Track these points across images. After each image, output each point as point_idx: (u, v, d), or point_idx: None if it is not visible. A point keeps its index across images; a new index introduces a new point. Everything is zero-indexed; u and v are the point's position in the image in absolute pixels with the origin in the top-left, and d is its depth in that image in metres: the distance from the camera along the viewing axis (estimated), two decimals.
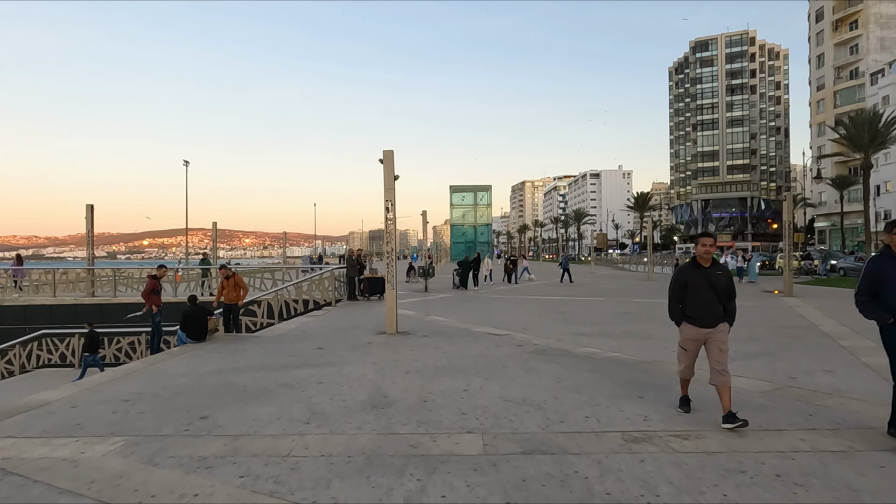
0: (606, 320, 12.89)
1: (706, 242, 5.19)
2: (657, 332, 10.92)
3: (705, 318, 5.12)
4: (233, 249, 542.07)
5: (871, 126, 28.83)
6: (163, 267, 11.47)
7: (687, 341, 5.30)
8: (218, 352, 9.29)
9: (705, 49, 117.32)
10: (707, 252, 5.15)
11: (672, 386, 6.47)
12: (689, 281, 5.17)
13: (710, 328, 5.12)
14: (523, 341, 9.88)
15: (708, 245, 5.15)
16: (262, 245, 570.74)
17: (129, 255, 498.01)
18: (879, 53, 68.26)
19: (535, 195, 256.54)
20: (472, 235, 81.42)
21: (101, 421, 5.39)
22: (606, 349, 9.00)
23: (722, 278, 5.14)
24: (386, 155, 11.06)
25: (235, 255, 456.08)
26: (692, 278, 5.16)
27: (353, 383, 6.79)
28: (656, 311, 14.79)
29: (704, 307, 5.11)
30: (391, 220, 11.08)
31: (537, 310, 15.47)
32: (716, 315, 5.12)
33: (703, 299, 5.10)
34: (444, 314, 14.45)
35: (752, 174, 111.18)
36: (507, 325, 12.16)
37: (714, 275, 5.13)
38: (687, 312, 5.23)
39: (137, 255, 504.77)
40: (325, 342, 10.07)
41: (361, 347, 9.43)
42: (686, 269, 5.26)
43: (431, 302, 18.29)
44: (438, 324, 12.58)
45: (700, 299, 5.12)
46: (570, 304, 17.16)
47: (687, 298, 5.20)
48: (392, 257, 11.10)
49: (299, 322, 13.48)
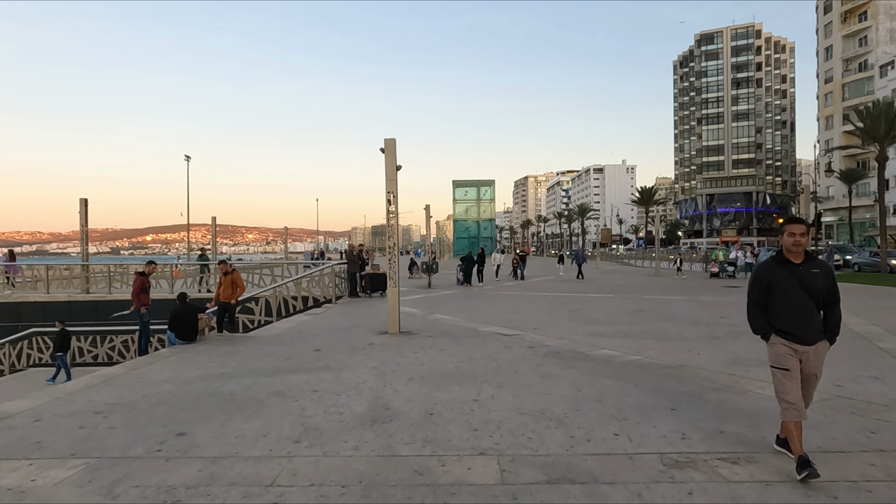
0: (621, 319, 12.22)
1: (796, 230, 3.87)
2: (677, 331, 10.26)
3: (800, 330, 3.88)
4: (235, 245, 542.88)
5: (887, 117, 28.03)
6: (152, 263, 10.84)
7: (783, 357, 3.88)
8: (207, 354, 8.66)
9: (710, 42, 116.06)
10: (797, 244, 3.87)
11: (707, 395, 5.81)
12: (774, 282, 3.91)
13: (806, 345, 3.88)
14: (535, 342, 9.23)
15: (798, 234, 3.86)
16: (265, 241, 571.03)
17: (133, 250, 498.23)
18: (889, 45, 67.13)
19: (538, 190, 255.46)
20: (475, 231, 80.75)
21: (64, 438, 4.76)
22: (625, 351, 8.34)
23: (820, 279, 3.89)
24: (387, 144, 10.40)
25: (238, 250, 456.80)
26: (779, 278, 3.90)
27: (351, 392, 6.15)
28: (672, 308, 14.13)
29: (797, 316, 3.87)
30: (393, 213, 10.43)
31: (547, 308, 14.82)
32: (814, 327, 3.90)
33: (796, 306, 3.86)
34: (449, 312, 13.81)
35: (757, 168, 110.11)
36: (516, 324, 11.51)
37: (808, 273, 3.88)
38: (774, 322, 3.96)
39: (141, 250, 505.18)
40: (324, 343, 9.44)
41: (362, 349, 8.79)
42: (770, 267, 3.97)
43: (435, 299, 17.65)
44: (443, 323, 11.93)
45: (791, 306, 3.87)
46: (581, 301, 16.50)
47: (773, 305, 3.95)
48: (394, 253, 10.45)
49: (298, 321, 12.85)
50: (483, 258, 25.16)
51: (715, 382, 6.39)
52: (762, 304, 4.02)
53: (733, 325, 11.05)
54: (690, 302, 15.82)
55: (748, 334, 9.91)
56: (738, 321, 11.54)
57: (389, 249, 10.51)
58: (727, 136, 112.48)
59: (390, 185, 10.34)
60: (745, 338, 9.47)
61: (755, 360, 7.57)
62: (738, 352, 8.25)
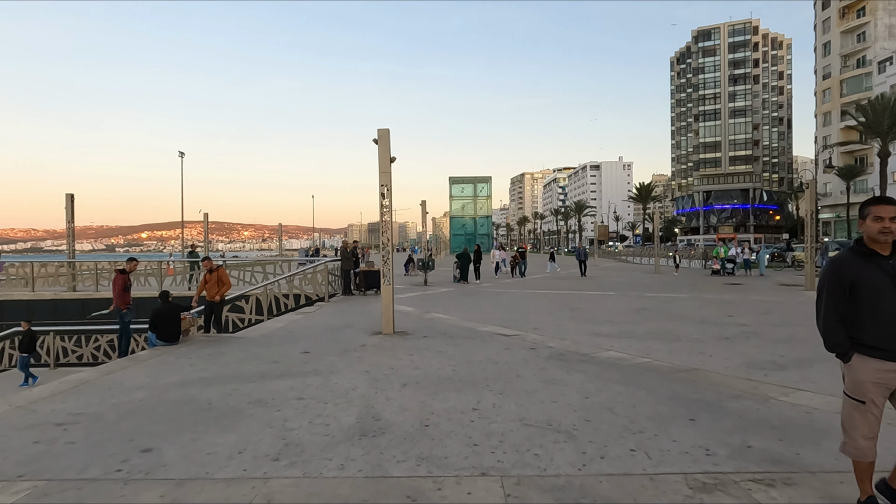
0: (624, 318, 11.76)
1: (885, 213, 2.94)
2: (683, 331, 9.80)
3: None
4: (231, 242, 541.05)
5: (891, 112, 27.63)
6: (132, 260, 10.29)
7: (864, 386, 2.99)
8: (189, 357, 8.15)
9: (708, 38, 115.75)
10: (886, 230, 2.92)
11: (726, 403, 5.34)
12: (859, 281, 2.99)
13: None
14: (536, 343, 8.75)
15: (888, 219, 2.91)
16: (261, 238, 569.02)
17: (128, 247, 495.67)
18: (887, 41, 66.90)
19: (535, 187, 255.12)
20: (471, 227, 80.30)
21: (16, 455, 4.25)
22: (633, 353, 7.87)
23: None
24: (380, 134, 9.89)
25: (234, 247, 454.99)
26: (866, 276, 2.98)
27: (339, 399, 5.66)
28: (676, 307, 13.67)
29: (894, 326, 2.94)
30: (387, 207, 9.93)
31: (546, 306, 14.35)
32: None
33: (890, 311, 2.93)
34: (446, 311, 13.32)
35: (754, 165, 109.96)
36: (515, 323, 11.03)
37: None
38: (859, 336, 3.02)
39: (136, 247, 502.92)
40: (313, 344, 8.94)
41: (353, 351, 8.30)
42: (850, 261, 3.05)
43: (431, 297, 17.17)
44: (440, 322, 11.45)
45: (884, 311, 2.94)
46: (581, 299, 16.03)
47: (858, 312, 3.02)
48: (389, 249, 9.95)
49: (288, 320, 12.34)
50: (480, 255, 24.66)
51: (732, 388, 5.92)
52: (842, 312, 3.05)
53: (743, 324, 10.59)
54: (694, 300, 15.38)
55: (760, 335, 9.52)
56: (748, 320, 11.09)
57: (383, 245, 10.01)
58: (724, 132, 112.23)
59: (384, 178, 9.84)
60: (756, 338, 9.02)
61: (771, 363, 7.11)
62: (751, 353, 7.79)
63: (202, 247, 32.80)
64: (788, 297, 16.07)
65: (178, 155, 50.66)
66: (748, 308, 13.29)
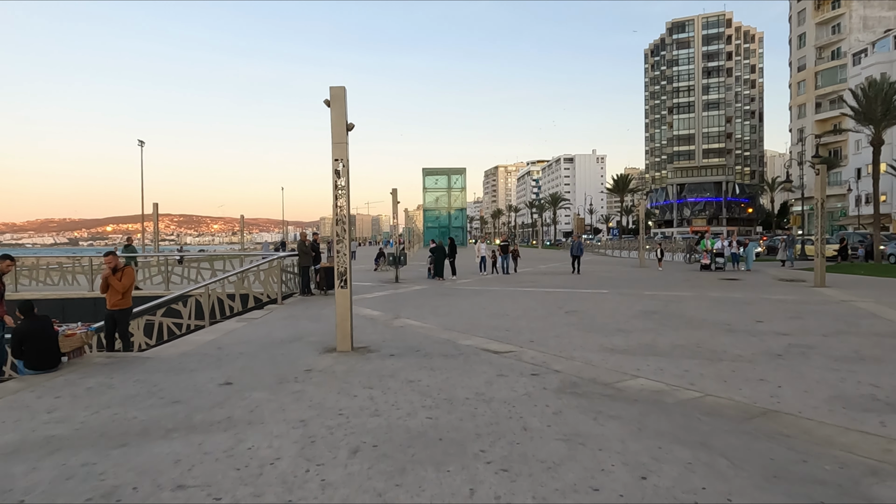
0: (633, 324, 9.77)
1: None
2: (718, 344, 7.83)
3: None
4: (200, 235, 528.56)
5: (885, 98, 26.37)
6: (6, 258, 7.79)
7: None
8: (59, 393, 5.82)
9: (682, 30, 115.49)
10: None
11: (870, 491, 3.31)
12: None
13: None
14: (538, 364, 6.67)
15: None
16: (231, 231, 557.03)
17: (92, 241, 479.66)
18: (862, 33, 66.76)
19: (509, 180, 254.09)
20: (445, 220, 78.20)
21: None
22: (671, 381, 5.84)
23: None
24: (334, 95, 7.64)
25: (203, 241, 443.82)
26: None
27: (243, 488, 3.46)
28: (687, 308, 11.72)
29: None
30: (343, 189, 7.70)
31: (536, 308, 12.29)
32: None
33: None
34: (420, 315, 11.16)
35: (727, 158, 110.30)
36: (504, 333, 8.94)
37: None
38: None
39: (101, 241, 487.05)
40: (242, 370, 6.69)
41: (292, 381, 6.08)
42: None
43: (403, 296, 14.98)
44: (411, 332, 9.28)
45: None
46: (574, 298, 14.03)
47: None
48: (344, 241, 7.74)
49: (224, 330, 10.02)
50: (455, 248, 22.55)
51: (853, 452, 3.92)
52: None
53: (782, 332, 8.69)
54: (702, 299, 13.51)
55: (817, 349, 7.19)
56: (784, 327, 9.19)
57: (337, 238, 7.78)
58: (698, 125, 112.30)
59: (338, 151, 7.60)
60: (817, 356, 7.08)
61: (872, 400, 5.15)
62: (830, 382, 5.83)
63: (174, 240, 29.97)
64: (804, 294, 14.34)
65: (137, 144, 47.48)
66: (771, 310, 11.45)
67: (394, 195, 21.37)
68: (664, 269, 25.45)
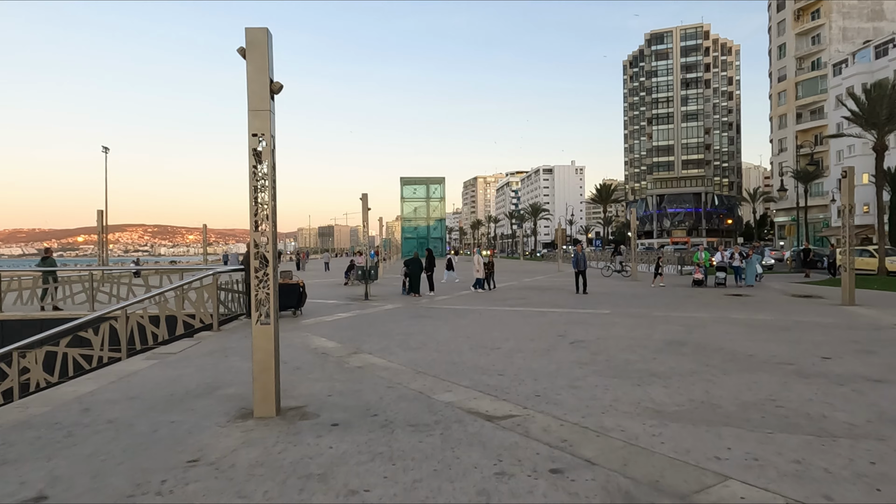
0: (664, 362, 7.46)
1: None
2: (801, 400, 5.53)
3: None
4: (175, 246, 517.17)
5: (890, 100, 24.82)
6: None
7: None
8: None
9: (661, 42, 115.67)
10: None
11: None
12: None
13: None
14: (556, 446, 4.30)
15: None
16: (207, 242, 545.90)
17: (63, 252, 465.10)
18: (842, 44, 66.64)
19: (488, 191, 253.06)
20: (424, 231, 75.90)
21: None
22: (781, 483, 3.51)
23: None
24: (252, 41, 5.20)
25: (178, 252, 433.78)
26: None
27: None
28: (716, 337, 9.45)
29: None
30: (265, 179, 5.28)
31: (532, 336, 9.92)
32: None
33: None
34: (386, 348, 8.72)
35: (706, 169, 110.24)
36: (497, 379, 6.56)
37: None
38: None
39: (71, 252, 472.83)
40: (85, 461, 4.18)
41: (153, 494, 3.60)
42: None
43: (370, 319, 12.51)
44: (371, 377, 6.84)
45: None
46: (575, 323, 11.71)
47: None
48: (267, 250, 5.30)
49: (118, 374, 7.43)
50: (433, 261, 20.18)
51: None
52: None
53: (870, 377, 6.45)
54: (727, 323, 11.31)
55: None
56: (862, 366, 6.94)
57: (256, 251, 5.34)
58: (677, 136, 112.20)
59: (258, 122, 5.17)
60: None
61: None
62: None
63: (145, 251, 26.97)
64: (841, 316, 12.26)
65: (102, 150, 44.36)
66: (824, 339, 9.26)
67: (364, 201, 18.94)
68: (657, 285, 23.06)
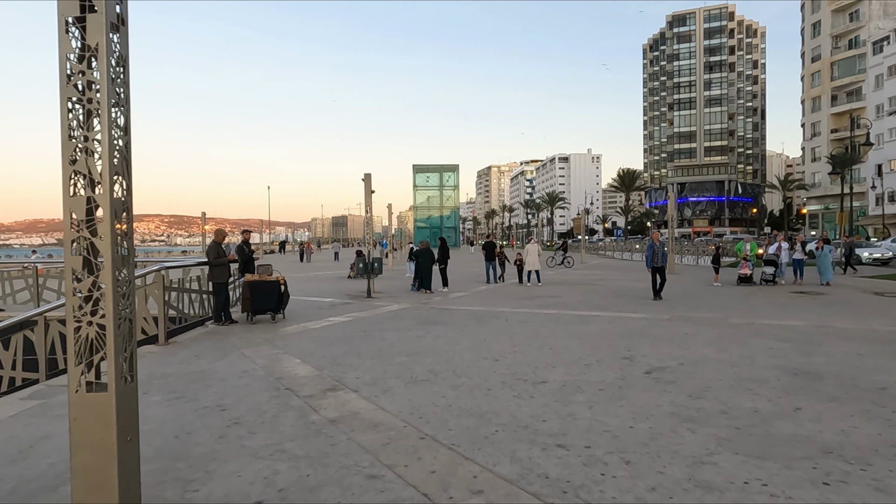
0: (830, 422, 4.68)
1: None
2: None
3: None
4: (191, 237, 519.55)
5: None
6: None
7: None
8: None
9: (683, 24, 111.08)
10: None
11: None
12: None
13: None
14: None
15: None
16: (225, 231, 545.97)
17: None
18: (882, 20, 62.35)
19: (502, 180, 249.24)
20: (437, 220, 73.09)
21: None
22: None
23: None
24: None
25: (193, 241, 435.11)
26: None
27: None
28: (844, 362, 6.59)
29: None
30: (94, 91, 2.56)
31: (591, 364, 7.14)
32: None
33: None
34: (380, 379, 6.02)
35: (730, 156, 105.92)
36: (560, 460, 3.82)
37: None
38: None
39: None
40: None
41: None
42: None
43: (368, 326, 9.79)
44: (344, 456, 4.14)
45: None
46: (637, 336, 8.90)
47: None
48: (100, 236, 2.61)
49: None
50: (447, 252, 17.50)
51: None
52: None
53: None
54: (842, 336, 8.41)
55: None
56: None
57: (76, 228, 2.66)
58: (699, 122, 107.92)
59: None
60: None
61: None
62: None
63: (162, 241, 24.66)
64: None
65: None
66: None
67: (367, 181, 16.23)
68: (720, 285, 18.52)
